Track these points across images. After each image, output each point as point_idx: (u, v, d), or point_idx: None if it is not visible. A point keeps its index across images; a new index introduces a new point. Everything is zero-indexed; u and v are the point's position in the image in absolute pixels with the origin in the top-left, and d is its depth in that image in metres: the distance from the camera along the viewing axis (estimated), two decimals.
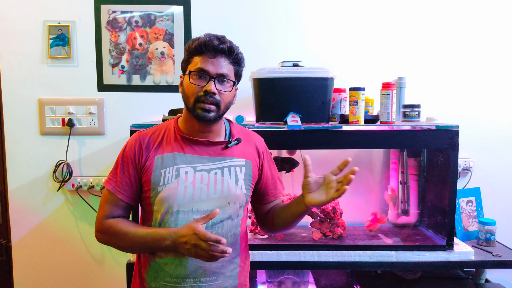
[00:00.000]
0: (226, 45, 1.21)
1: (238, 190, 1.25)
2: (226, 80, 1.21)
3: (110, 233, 1.20)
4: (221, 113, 1.23)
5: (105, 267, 2.11)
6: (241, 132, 1.36)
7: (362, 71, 2.04)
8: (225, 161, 1.26)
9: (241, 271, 1.28)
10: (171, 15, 2.02)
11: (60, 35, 2.02)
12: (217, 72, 1.19)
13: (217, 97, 1.20)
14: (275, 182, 1.38)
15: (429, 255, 1.66)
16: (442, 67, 2.05)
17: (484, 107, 2.06)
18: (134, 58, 2.04)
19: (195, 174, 1.22)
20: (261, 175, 1.34)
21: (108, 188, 1.24)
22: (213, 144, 1.26)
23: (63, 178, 2.03)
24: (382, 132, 1.68)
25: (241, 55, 1.26)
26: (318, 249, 1.68)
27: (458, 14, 2.04)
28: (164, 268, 1.20)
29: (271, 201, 1.38)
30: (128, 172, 1.23)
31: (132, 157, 1.24)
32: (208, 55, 1.20)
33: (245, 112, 1.94)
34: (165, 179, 1.20)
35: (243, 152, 1.30)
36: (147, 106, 2.05)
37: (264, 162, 1.35)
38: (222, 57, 1.21)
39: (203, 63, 1.19)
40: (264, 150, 1.38)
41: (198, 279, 1.19)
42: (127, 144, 1.27)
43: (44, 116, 2.03)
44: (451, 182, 1.66)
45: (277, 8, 2.03)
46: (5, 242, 2.13)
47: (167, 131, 1.29)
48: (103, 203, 1.24)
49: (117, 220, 1.22)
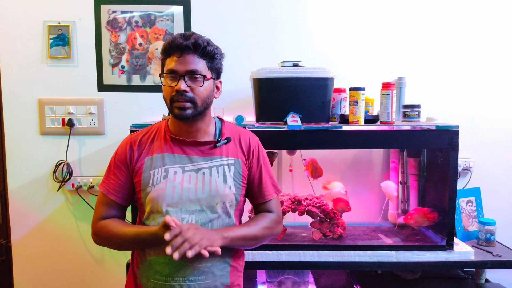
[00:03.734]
0: (190, 41, 1.19)
1: (227, 189, 1.25)
2: (197, 76, 1.21)
3: (103, 234, 1.24)
4: (200, 110, 1.23)
5: (105, 267, 2.11)
6: (234, 131, 1.36)
7: (362, 71, 2.04)
8: (214, 160, 1.27)
9: (232, 271, 1.28)
10: (171, 15, 2.02)
11: (60, 35, 2.02)
12: (185, 69, 1.19)
13: (190, 94, 1.20)
14: (262, 184, 1.33)
15: (429, 255, 1.66)
16: (442, 67, 2.05)
17: (484, 107, 2.06)
18: (134, 58, 2.04)
19: (183, 174, 1.24)
20: (249, 174, 1.33)
21: (101, 190, 1.28)
22: (201, 144, 1.28)
23: (63, 178, 2.03)
24: (382, 132, 1.68)
25: (211, 48, 1.23)
26: (318, 249, 1.68)
27: (458, 14, 2.03)
28: (154, 267, 1.22)
29: (258, 203, 1.34)
30: (120, 174, 1.27)
31: (123, 159, 1.27)
32: (176, 54, 1.20)
33: (245, 112, 1.94)
34: (154, 180, 1.23)
35: (233, 151, 1.30)
36: (147, 106, 2.05)
37: (252, 161, 1.33)
38: (190, 54, 1.20)
39: (172, 63, 1.20)
40: (255, 149, 1.35)
41: (187, 277, 1.20)
42: (119, 147, 1.32)
43: (44, 116, 2.03)
44: (451, 182, 1.66)
45: (277, 8, 2.03)
46: (5, 242, 2.13)
47: (157, 133, 1.31)
48: (97, 205, 1.29)
49: (109, 220, 1.25)
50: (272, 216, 1.33)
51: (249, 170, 1.33)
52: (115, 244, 1.25)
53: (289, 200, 1.83)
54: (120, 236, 1.21)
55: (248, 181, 1.33)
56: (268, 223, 1.30)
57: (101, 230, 1.24)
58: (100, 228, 1.24)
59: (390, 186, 1.88)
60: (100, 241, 1.26)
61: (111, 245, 1.27)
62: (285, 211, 1.79)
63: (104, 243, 1.27)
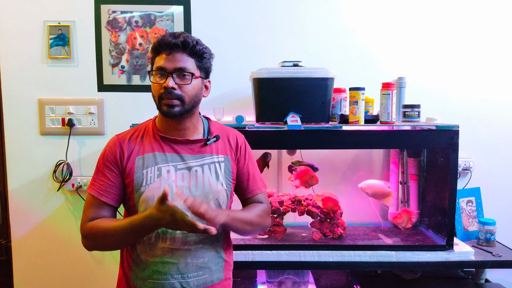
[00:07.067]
0: (179, 40, 1.21)
1: (219, 185, 1.27)
2: (186, 74, 1.22)
3: (94, 233, 1.19)
4: (188, 107, 1.23)
5: (105, 267, 2.11)
6: (220, 129, 1.38)
7: (362, 71, 2.04)
8: (205, 158, 1.28)
9: (226, 265, 1.32)
10: (171, 15, 2.02)
11: (60, 35, 2.02)
12: (174, 66, 1.20)
13: (178, 91, 1.21)
14: (249, 179, 1.36)
15: (429, 255, 1.66)
16: (442, 67, 2.05)
17: (484, 107, 2.06)
18: (134, 58, 2.04)
19: (177, 172, 1.24)
20: (237, 170, 1.36)
21: (91, 193, 1.24)
22: (191, 142, 1.28)
23: (63, 178, 2.03)
24: (382, 132, 1.68)
25: (200, 47, 1.24)
26: (318, 249, 1.68)
27: (458, 14, 2.03)
28: (151, 267, 1.22)
29: (247, 198, 1.38)
30: (110, 175, 1.24)
31: (113, 159, 1.25)
32: (165, 52, 1.22)
33: (245, 112, 1.94)
34: (147, 179, 1.22)
35: (222, 149, 1.33)
36: (147, 106, 2.05)
37: (240, 158, 1.36)
38: (178, 52, 1.21)
39: (160, 61, 1.21)
40: (242, 146, 1.38)
41: (186, 274, 1.22)
42: (106, 147, 1.29)
43: (44, 116, 2.03)
44: (451, 182, 1.66)
45: (277, 8, 2.03)
46: (5, 242, 2.13)
47: (145, 132, 1.31)
48: (86, 208, 1.24)
49: (97, 220, 1.21)
50: (263, 206, 1.37)
51: (237, 166, 1.35)
52: (108, 242, 1.19)
53: (289, 200, 1.83)
54: (112, 230, 1.17)
55: (237, 177, 1.35)
56: (261, 212, 1.35)
57: (90, 230, 1.19)
58: (90, 228, 1.19)
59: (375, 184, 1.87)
60: (91, 243, 1.21)
61: (103, 244, 1.21)
62: (285, 211, 1.79)
63: (95, 244, 1.22)
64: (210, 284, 1.26)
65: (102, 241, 1.20)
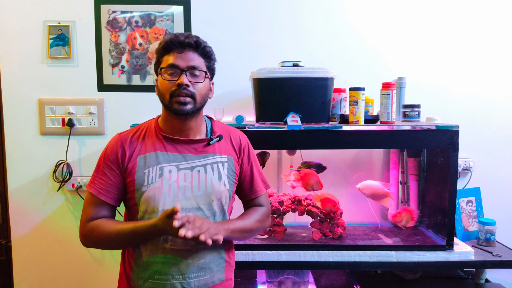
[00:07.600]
0: (192, 39, 1.22)
1: (222, 186, 1.27)
2: (198, 72, 1.23)
3: (95, 234, 1.20)
4: (198, 106, 1.24)
5: (105, 267, 2.11)
6: (223, 129, 1.38)
7: (362, 71, 2.04)
8: (208, 158, 1.28)
9: (227, 266, 1.32)
10: (171, 15, 2.02)
11: (60, 35, 2.02)
12: (187, 65, 1.21)
13: (191, 89, 1.21)
14: (252, 181, 1.37)
15: (429, 255, 1.66)
16: (442, 67, 2.05)
17: (484, 107, 2.06)
18: (134, 58, 2.04)
19: (179, 172, 1.24)
20: (240, 171, 1.36)
21: (90, 191, 1.24)
22: (194, 142, 1.28)
23: (63, 178, 2.03)
24: (382, 132, 1.68)
25: (210, 48, 1.27)
26: (318, 249, 1.68)
27: (458, 14, 2.03)
28: (152, 267, 1.22)
29: (250, 199, 1.38)
30: (110, 174, 1.24)
31: (114, 159, 1.25)
32: (176, 51, 1.22)
33: (245, 112, 1.94)
34: (149, 179, 1.22)
35: (225, 149, 1.32)
36: (147, 106, 2.05)
37: (243, 159, 1.36)
38: (190, 51, 1.22)
39: (172, 59, 1.21)
40: (246, 146, 1.38)
41: (187, 275, 1.22)
42: (108, 146, 1.28)
43: (44, 116, 2.03)
44: (451, 182, 1.66)
45: (277, 8, 2.03)
46: (5, 242, 2.13)
47: (148, 131, 1.30)
48: (86, 206, 1.24)
49: (100, 220, 1.22)
50: (263, 210, 1.38)
51: (240, 167, 1.35)
52: (108, 244, 1.21)
53: (289, 200, 1.83)
54: (115, 234, 1.18)
55: (239, 178, 1.35)
56: (260, 217, 1.35)
57: (92, 230, 1.20)
58: (91, 229, 1.20)
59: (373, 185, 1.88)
60: (91, 242, 1.22)
61: (103, 245, 1.23)
62: (285, 211, 1.79)
63: (95, 244, 1.23)
64: (211, 285, 1.26)
65: (102, 243, 1.22)
